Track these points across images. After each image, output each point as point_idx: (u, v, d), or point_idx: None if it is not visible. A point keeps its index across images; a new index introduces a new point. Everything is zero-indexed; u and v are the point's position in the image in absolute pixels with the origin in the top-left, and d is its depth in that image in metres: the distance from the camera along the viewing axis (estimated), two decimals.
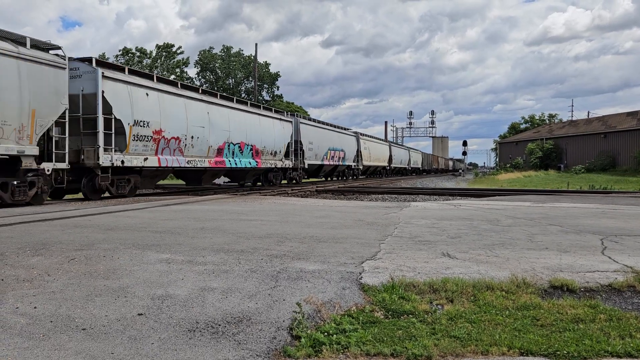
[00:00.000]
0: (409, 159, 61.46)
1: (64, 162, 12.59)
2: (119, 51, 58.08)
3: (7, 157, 11.04)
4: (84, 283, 4.09)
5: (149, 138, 15.30)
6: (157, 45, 60.95)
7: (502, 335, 3.16)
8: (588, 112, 76.33)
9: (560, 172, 48.90)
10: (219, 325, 3.19)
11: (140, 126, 14.91)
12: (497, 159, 75.54)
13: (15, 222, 7.96)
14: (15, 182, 11.27)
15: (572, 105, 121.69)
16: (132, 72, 15.64)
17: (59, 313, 3.34)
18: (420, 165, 67.00)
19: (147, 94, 15.30)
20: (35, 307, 3.45)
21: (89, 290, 3.87)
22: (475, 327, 3.32)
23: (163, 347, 2.84)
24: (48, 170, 12.08)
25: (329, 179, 36.43)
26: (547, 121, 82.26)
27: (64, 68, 12.59)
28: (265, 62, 68.04)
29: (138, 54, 58.38)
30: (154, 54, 59.55)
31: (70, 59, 13.07)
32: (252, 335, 3.05)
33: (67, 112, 12.61)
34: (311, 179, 34.04)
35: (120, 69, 15.15)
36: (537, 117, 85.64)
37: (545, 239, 6.74)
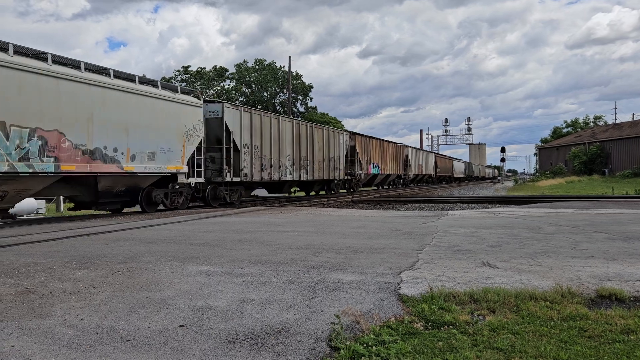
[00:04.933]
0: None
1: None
2: (182, 67, 64.41)
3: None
4: (127, 295, 4.20)
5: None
6: (214, 67, 65.36)
7: (548, 347, 3.06)
8: (633, 114, 73.10)
9: (604, 177, 47.18)
10: (258, 336, 3.21)
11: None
12: (538, 165, 73.39)
13: (63, 237, 8.27)
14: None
15: (616, 108, 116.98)
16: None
17: (104, 325, 3.44)
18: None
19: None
20: (81, 319, 3.57)
21: (132, 302, 3.97)
22: (519, 338, 3.23)
23: (204, 358, 2.88)
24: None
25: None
26: (592, 124, 79.42)
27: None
28: (297, 72, 68.77)
29: (196, 74, 63.19)
30: (209, 74, 63.45)
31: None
32: (291, 347, 3.06)
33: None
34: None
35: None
36: (580, 121, 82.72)
37: (591, 246, 6.51)
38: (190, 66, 64.55)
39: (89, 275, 4.99)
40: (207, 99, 17.66)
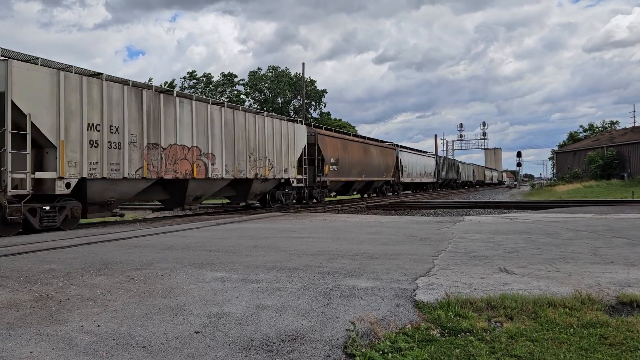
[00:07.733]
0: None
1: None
2: (187, 73, 62.95)
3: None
4: (143, 302, 4.22)
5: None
6: (222, 73, 64.79)
7: (567, 354, 3.00)
8: None
9: (623, 181, 46.38)
10: (274, 343, 3.21)
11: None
12: (554, 170, 72.40)
13: (80, 244, 8.36)
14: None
15: (634, 111, 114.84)
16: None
17: (121, 331, 3.46)
18: None
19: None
20: (98, 326, 3.59)
21: (148, 309, 3.99)
22: (538, 346, 3.17)
23: None
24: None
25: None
26: (609, 128, 78.17)
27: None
28: (310, 78, 68.96)
29: (204, 79, 62.29)
30: (215, 80, 63.10)
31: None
32: (307, 353, 3.04)
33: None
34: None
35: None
36: (597, 126, 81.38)
37: (611, 252, 6.40)
38: (195, 71, 63.48)
39: (105, 282, 5.03)
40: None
